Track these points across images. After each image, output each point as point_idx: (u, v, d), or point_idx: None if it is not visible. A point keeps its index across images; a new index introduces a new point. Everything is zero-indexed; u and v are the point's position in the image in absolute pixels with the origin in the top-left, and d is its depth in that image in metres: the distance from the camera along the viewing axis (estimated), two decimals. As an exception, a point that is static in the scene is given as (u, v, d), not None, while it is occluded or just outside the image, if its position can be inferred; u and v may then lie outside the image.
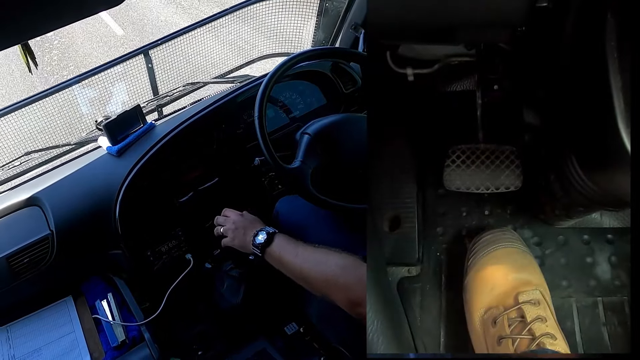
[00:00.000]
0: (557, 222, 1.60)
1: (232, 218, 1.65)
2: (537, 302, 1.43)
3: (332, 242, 1.67)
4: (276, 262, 1.50)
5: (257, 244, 1.51)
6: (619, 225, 1.61)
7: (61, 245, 1.68)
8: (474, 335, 1.51)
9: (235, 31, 2.38)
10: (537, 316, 1.39)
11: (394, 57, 1.54)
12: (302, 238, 1.63)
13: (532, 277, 1.51)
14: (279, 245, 1.49)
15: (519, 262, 1.54)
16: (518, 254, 1.57)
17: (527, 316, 1.39)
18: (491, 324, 1.45)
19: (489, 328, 1.45)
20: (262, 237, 1.52)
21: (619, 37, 0.94)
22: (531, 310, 1.40)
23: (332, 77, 2.14)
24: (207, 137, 1.93)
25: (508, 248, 1.58)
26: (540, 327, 1.38)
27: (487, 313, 1.48)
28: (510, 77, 1.49)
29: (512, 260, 1.54)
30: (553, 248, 1.65)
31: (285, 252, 1.47)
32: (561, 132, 1.21)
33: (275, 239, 1.51)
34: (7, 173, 2.03)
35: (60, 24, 1.10)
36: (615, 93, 0.93)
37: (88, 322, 1.65)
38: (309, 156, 1.59)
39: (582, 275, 1.63)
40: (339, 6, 2.20)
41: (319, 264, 1.40)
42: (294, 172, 1.55)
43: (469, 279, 1.57)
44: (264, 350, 1.88)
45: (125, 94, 2.26)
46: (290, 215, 1.83)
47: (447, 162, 1.59)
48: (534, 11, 1.10)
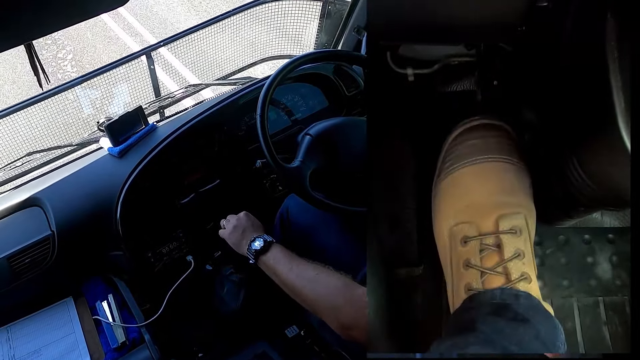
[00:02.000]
0: (558, 222, 1.59)
1: (238, 215, 1.68)
2: (519, 231, 1.26)
3: (340, 242, 1.68)
4: (269, 271, 1.50)
5: (252, 249, 1.52)
6: (619, 225, 1.61)
7: (62, 246, 1.68)
8: (440, 246, 1.38)
9: (237, 33, 2.39)
10: (515, 251, 1.24)
11: (394, 58, 1.54)
12: (310, 236, 1.63)
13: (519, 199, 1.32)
14: (274, 256, 1.50)
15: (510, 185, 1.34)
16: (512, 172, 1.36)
17: (504, 250, 1.23)
18: (460, 241, 1.29)
19: (457, 245, 1.29)
20: (258, 243, 1.52)
21: (619, 37, 0.94)
22: (510, 243, 1.24)
23: (334, 80, 2.14)
24: (208, 139, 1.93)
25: (501, 163, 1.36)
26: (517, 265, 1.22)
27: (458, 226, 1.30)
28: (510, 77, 1.48)
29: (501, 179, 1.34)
30: (553, 248, 1.65)
31: (280, 264, 1.47)
32: (561, 131, 1.21)
33: (272, 249, 1.51)
34: (8, 173, 2.04)
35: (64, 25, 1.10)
36: (615, 93, 0.93)
37: (88, 323, 1.65)
38: (308, 157, 1.59)
39: (582, 275, 1.62)
40: (341, 9, 2.21)
41: (311, 282, 1.39)
42: (293, 172, 1.55)
43: (444, 183, 1.40)
44: (264, 353, 1.87)
45: (127, 95, 2.27)
46: (300, 211, 1.83)
47: None
48: (534, 11, 1.10)
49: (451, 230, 1.32)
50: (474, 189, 1.34)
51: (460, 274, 1.27)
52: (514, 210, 1.29)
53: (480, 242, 1.25)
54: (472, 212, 1.30)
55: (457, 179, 1.37)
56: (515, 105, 1.45)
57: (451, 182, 1.38)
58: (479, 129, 1.42)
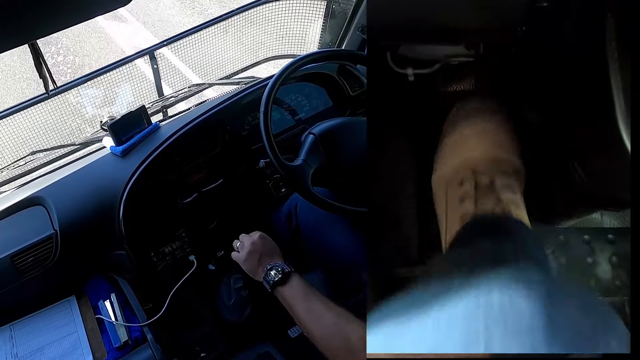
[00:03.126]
0: (557, 222, 1.59)
1: (252, 238, 1.59)
2: (509, 175, 1.35)
3: (348, 241, 1.67)
4: (285, 303, 1.44)
5: (269, 280, 1.46)
6: (619, 225, 1.60)
7: (65, 245, 1.68)
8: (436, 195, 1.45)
9: (241, 33, 2.39)
10: (506, 184, 1.32)
11: (394, 58, 1.54)
12: (319, 234, 1.62)
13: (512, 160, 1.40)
14: (291, 291, 1.43)
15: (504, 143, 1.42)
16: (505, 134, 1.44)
17: (497, 182, 1.33)
18: (457, 184, 1.37)
19: (454, 188, 1.38)
20: (275, 273, 1.45)
21: (619, 37, 0.94)
22: (502, 178, 1.34)
23: (338, 80, 2.14)
24: (211, 138, 1.93)
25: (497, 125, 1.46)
26: (507, 194, 1.31)
27: (456, 175, 1.40)
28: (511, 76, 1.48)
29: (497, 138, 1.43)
30: (553, 248, 1.64)
31: (297, 300, 1.41)
32: (561, 132, 1.21)
33: (289, 281, 1.44)
34: (12, 172, 2.04)
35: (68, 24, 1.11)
36: (615, 93, 0.93)
37: (91, 322, 1.66)
38: (311, 156, 1.60)
39: (582, 275, 1.62)
40: (346, 8, 2.20)
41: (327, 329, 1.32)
42: (295, 170, 1.55)
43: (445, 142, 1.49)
44: (267, 353, 1.87)
45: (130, 95, 2.27)
46: (309, 209, 1.83)
47: None
48: (534, 11, 1.10)
49: (449, 178, 1.39)
50: (471, 144, 1.42)
51: (455, 208, 1.34)
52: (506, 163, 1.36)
53: (475, 180, 1.33)
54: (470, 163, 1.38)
55: (456, 137, 1.46)
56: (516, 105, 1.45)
57: (451, 140, 1.46)
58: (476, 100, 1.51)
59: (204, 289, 1.99)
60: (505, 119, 1.46)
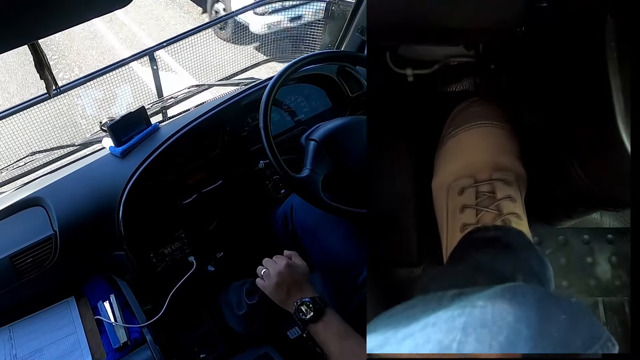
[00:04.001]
0: (557, 222, 1.59)
1: (278, 267, 1.50)
2: (510, 183, 1.36)
3: (344, 242, 1.67)
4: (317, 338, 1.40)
5: (301, 317, 1.40)
6: (619, 225, 1.61)
7: (64, 246, 1.68)
8: (437, 201, 1.46)
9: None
10: (507, 195, 1.34)
11: (393, 58, 1.54)
12: (315, 236, 1.61)
13: (513, 164, 1.41)
14: (325, 329, 1.37)
15: (505, 147, 1.44)
16: (507, 137, 1.46)
17: (497, 192, 1.34)
18: (457, 192, 1.39)
19: (455, 196, 1.40)
20: (306, 309, 1.39)
21: (618, 38, 0.94)
22: (503, 189, 1.35)
23: (338, 81, 2.14)
24: (211, 139, 1.93)
25: (497, 128, 1.47)
26: (508, 205, 1.32)
27: (456, 182, 1.41)
28: (510, 77, 1.48)
29: (498, 142, 1.45)
30: (553, 248, 1.65)
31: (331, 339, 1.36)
32: (561, 132, 1.21)
33: (323, 318, 1.38)
34: (11, 173, 2.05)
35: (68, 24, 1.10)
36: (615, 93, 0.94)
37: (90, 323, 1.65)
38: (317, 163, 1.58)
39: (582, 275, 1.62)
40: (345, 9, 2.21)
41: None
42: (305, 182, 1.54)
43: (446, 147, 1.50)
44: (267, 354, 1.87)
45: (130, 96, 2.28)
46: (304, 211, 1.83)
47: None
48: (534, 11, 1.10)
49: (449, 185, 1.42)
50: (471, 148, 1.45)
51: (456, 217, 1.36)
52: (507, 168, 1.39)
53: (476, 189, 1.36)
54: (470, 168, 1.41)
55: (457, 141, 1.48)
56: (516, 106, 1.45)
57: (452, 145, 1.48)
58: (476, 103, 1.52)
59: (203, 290, 1.99)
60: (506, 121, 1.47)
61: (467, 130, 1.48)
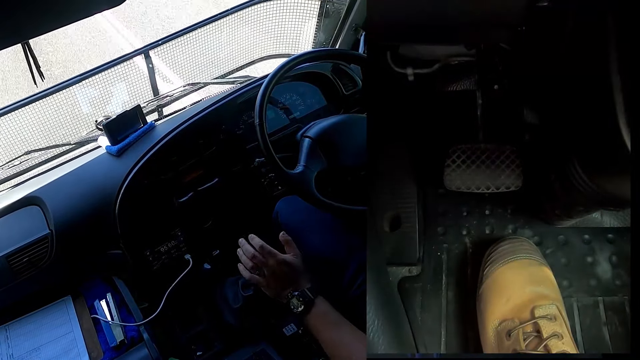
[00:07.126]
0: (558, 222, 1.60)
1: (269, 263, 1.51)
2: (553, 318, 1.41)
3: (326, 240, 1.67)
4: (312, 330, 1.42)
5: (293, 310, 1.43)
6: (619, 225, 1.61)
7: (60, 245, 1.68)
8: (487, 346, 1.50)
9: (236, 32, 2.38)
10: (553, 332, 1.38)
11: (394, 57, 1.54)
12: (302, 239, 1.61)
13: (549, 291, 1.50)
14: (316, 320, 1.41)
15: (536, 275, 1.53)
16: (535, 266, 1.55)
17: (543, 332, 1.38)
18: (505, 336, 1.43)
19: (503, 340, 1.44)
20: (297, 302, 1.42)
21: (619, 37, 0.94)
22: (547, 326, 1.39)
23: (332, 79, 2.14)
24: (207, 137, 1.93)
25: (526, 259, 1.56)
26: (556, 344, 1.36)
27: (502, 325, 1.46)
28: (510, 77, 1.49)
29: (529, 272, 1.53)
30: (553, 248, 1.65)
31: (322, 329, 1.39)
32: (561, 131, 1.21)
33: (314, 309, 1.42)
34: (7, 172, 2.03)
35: (61, 24, 1.10)
36: (615, 93, 0.93)
37: (87, 322, 1.65)
38: (311, 160, 1.59)
39: (582, 274, 1.63)
40: (339, 7, 2.20)
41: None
42: (298, 178, 1.55)
43: (484, 288, 1.57)
44: (263, 351, 1.86)
45: (125, 94, 2.26)
46: (290, 215, 1.83)
47: (447, 162, 1.59)
48: (534, 11, 1.10)
49: (496, 329, 1.48)
50: (509, 283, 1.53)
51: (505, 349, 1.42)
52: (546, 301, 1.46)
53: (522, 331, 1.41)
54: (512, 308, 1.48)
55: (494, 279, 1.56)
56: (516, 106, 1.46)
57: (490, 284, 1.57)
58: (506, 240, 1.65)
59: (199, 288, 1.99)
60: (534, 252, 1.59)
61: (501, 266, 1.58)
